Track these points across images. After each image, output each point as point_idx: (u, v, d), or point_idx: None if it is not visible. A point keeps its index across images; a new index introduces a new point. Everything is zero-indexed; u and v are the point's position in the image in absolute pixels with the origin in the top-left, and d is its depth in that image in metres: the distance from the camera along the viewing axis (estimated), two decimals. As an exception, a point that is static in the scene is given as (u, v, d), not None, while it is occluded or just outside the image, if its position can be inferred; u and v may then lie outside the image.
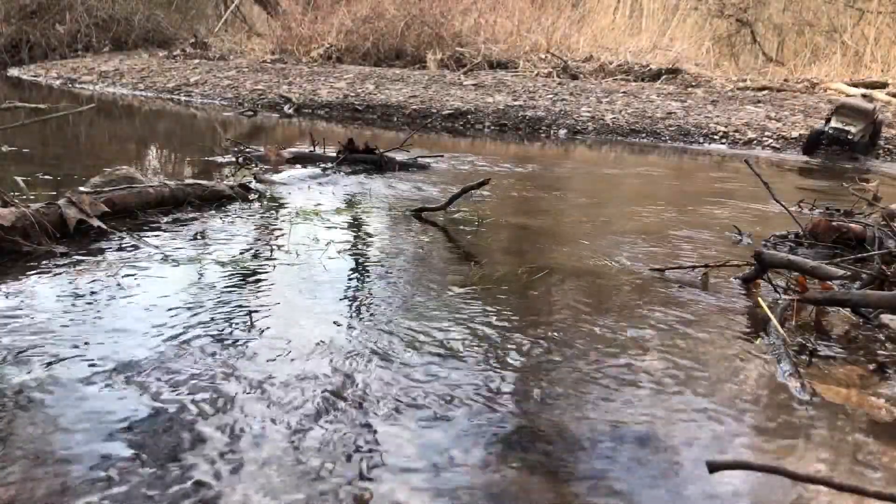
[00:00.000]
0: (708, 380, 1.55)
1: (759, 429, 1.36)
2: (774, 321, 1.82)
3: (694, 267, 2.35)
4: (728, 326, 1.88)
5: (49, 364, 1.46)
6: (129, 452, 1.17)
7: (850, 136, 5.37)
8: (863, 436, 1.35)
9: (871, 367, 1.66)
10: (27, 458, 1.14)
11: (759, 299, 2.04)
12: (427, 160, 4.58)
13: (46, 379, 1.40)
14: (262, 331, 1.70)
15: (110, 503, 1.05)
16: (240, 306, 1.86)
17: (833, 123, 5.58)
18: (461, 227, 2.90)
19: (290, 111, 7.82)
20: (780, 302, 2.04)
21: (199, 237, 2.51)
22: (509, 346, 1.68)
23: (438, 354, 1.61)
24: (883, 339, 1.86)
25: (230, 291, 1.97)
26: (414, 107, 7.69)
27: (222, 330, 1.69)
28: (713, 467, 0.92)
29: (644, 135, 6.91)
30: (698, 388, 1.50)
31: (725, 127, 7.00)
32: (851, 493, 1.12)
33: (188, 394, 1.37)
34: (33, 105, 6.51)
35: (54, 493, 1.06)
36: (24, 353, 1.50)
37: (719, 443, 1.30)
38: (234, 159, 4.20)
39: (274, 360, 1.54)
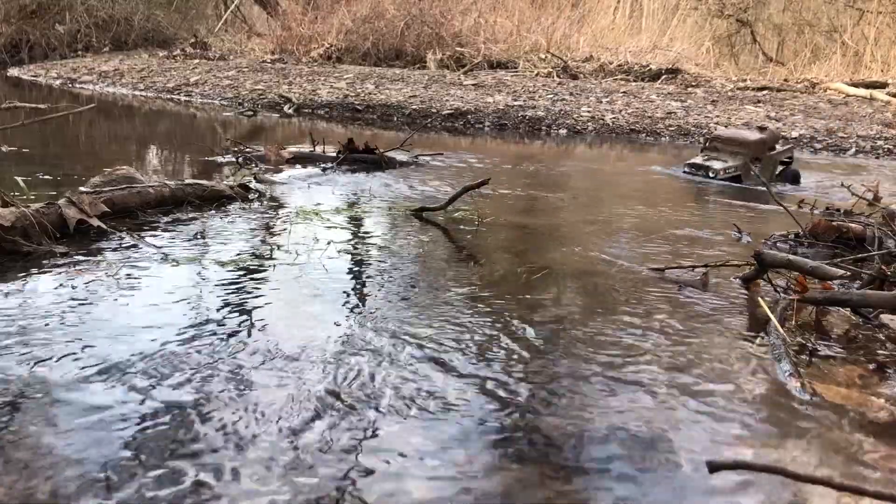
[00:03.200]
0: (708, 379, 1.55)
1: (759, 429, 1.36)
2: (774, 321, 1.82)
3: (694, 267, 2.35)
4: (728, 326, 1.88)
5: (49, 363, 1.46)
6: (128, 452, 1.17)
7: (710, 175, 4.28)
8: (863, 436, 1.35)
9: (872, 366, 1.66)
10: (26, 458, 1.14)
11: (760, 299, 2.04)
12: (427, 160, 4.58)
13: (46, 378, 1.40)
14: (262, 330, 1.70)
15: (108, 503, 1.04)
16: (239, 306, 1.86)
17: (695, 160, 4.47)
18: (461, 226, 2.90)
19: (290, 111, 7.82)
20: (780, 302, 2.04)
21: (198, 237, 2.51)
22: (509, 345, 1.68)
23: (438, 354, 1.60)
24: (883, 338, 1.86)
25: (230, 291, 1.97)
26: (414, 107, 7.69)
27: (222, 330, 1.69)
28: (713, 467, 0.92)
29: (644, 135, 6.91)
30: (698, 388, 1.50)
31: (726, 127, 7.00)
32: (851, 494, 1.12)
33: (188, 393, 1.37)
34: (33, 105, 6.51)
35: (54, 493, 1.06)
36: (23, 353, 1.50)
37: (719, 443, 1.30)
38: (234, 159, 4.20)
39: (274, 359, 1.53)
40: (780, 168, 4.55)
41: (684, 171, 4.50)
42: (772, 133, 4.52)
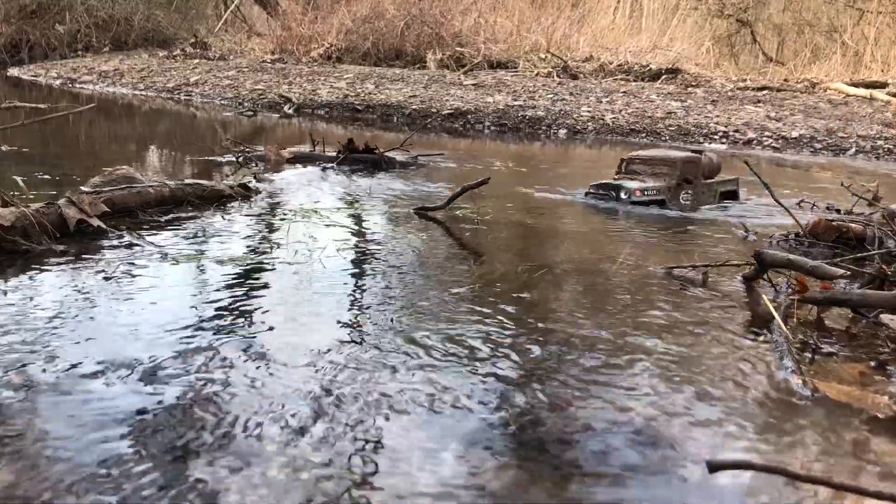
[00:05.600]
0: (709, 378, 1.55)
1: (760, 427, 1.35)
2: (778, 319, 1.82)
3: (694, 266, 2.35)
4: (730, 324, 1.88)
5: (48, 362, 1.45)
6: (128, 450, 1.16)
7: (621, 196, 3.38)
8: (864, 433, 1.34)
9: (873, 364, 1.66)
10: (26, 456, 1.14)
11: (764, 297, 2.04)
12: (427, 160, 4.58)
13: (45, 377, 1.39)
14: (262, 329, 1.70)
15: (108, 501, 1.04)
16: (239, 304, 1.85)
17: (603, 181, 3.53)
18: (461, 225, 2.90)
19: (290, 111, 7.82)
20: (778, 300, 2.04)
21: (198, 236, 2.51)
22: (509, 344, 1.67)
23: (438, 353, 1.60)
24: (884, 336, 1.86)
25: (229, 290, 1.97)
26: (414, 107, 7.69)
27: (221, 328, 1.69)
28: (713, 467, 0.92)
29: (644, 135, 6.90)
30: (700, 386, 1.50)
31: (725, 127, 7.00)
32: (852, 493, 1.12)
33: (186, 392, 1.36)
34: (33, 105, 6.51)
35: (53, 491, 1.06)
36: (22, 351, 1.50)
37: (720, 441, 1.30)
38: (234, 159, 4.20)
39: (273, 358, 1.53)
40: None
41: (588, 193, 3.54)
42: (710, 160, 3.66)
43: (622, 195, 3.38)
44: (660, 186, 3.43)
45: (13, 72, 11.35)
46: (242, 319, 1.76)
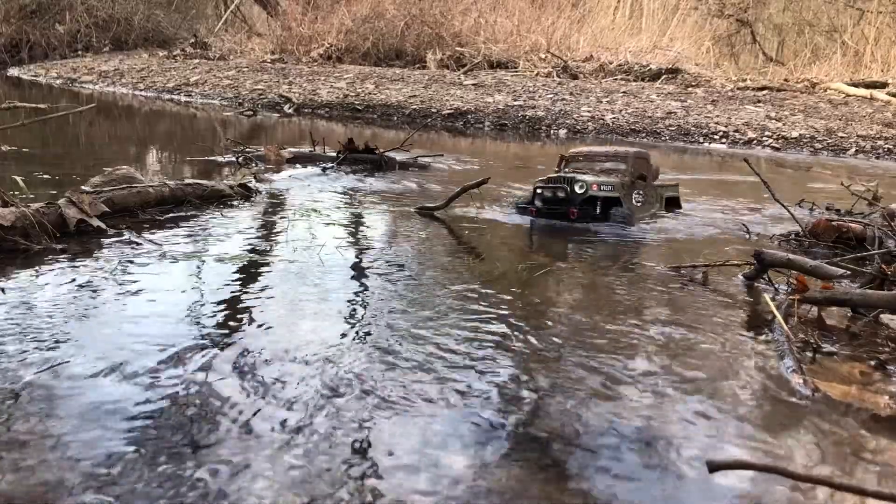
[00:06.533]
0: (710, 377, 1.54)
1: (761, 426, 1.35)
2: (779, 318, 1.82)
3: (695, 266, 2.34)
4: (731, 324, 1.88)
5: (48, 360, 1.45)
6: (128, 447, 1.16)
7: (576, 190, 2.96)
8: (864, 433, 1.34)
9: (873, 363, 1.66)
10: (27, 454, 1.14)
11: (766, 297, 2.04)
12: (427, 159, 4.58)
13: (46, 375, 1.39)
14: (261, 327, 1.70)
15: (109, 499, 1.04)
16: (238, 302, 1.85)
17: (551, 175, 3.18)
18: (461, 224, 2.90)
19: (290, 111, 7.82)
20: (776, 299, 2.04)
21: (198, 236, 2.50)
22: (509, 343, 1.67)
23: (438, 350, 1.60)
24: (884, 336, 1.86)
25: (229, 288, 1.96)
26: (414, 106, 7.69)
27: (221, 325, 1.69)
28: (713, 467, 0.92)
29: (644, 134, 6.91)
30: (700, 385, 1.50)
31: (725, 126, 7.00)
32: (852, 493, 1.12)
33: (186, 389, 1.36)
34: (33, 105, 6.51)
35: (53, 490, 1.06)
36: (22, 350, 1.50)
37: (720, 440, 1.30)
38: (234, 159, 4.20)
39: (273, 355, 1.53)
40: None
41: (536, 193, 3.09)
42: (653, 162, 3.40)
43: (577, 189, 2.99)
44: (615, 183, 3.06)
45: (13, 71, 11.36)
46: (242, 317, 1.76)
